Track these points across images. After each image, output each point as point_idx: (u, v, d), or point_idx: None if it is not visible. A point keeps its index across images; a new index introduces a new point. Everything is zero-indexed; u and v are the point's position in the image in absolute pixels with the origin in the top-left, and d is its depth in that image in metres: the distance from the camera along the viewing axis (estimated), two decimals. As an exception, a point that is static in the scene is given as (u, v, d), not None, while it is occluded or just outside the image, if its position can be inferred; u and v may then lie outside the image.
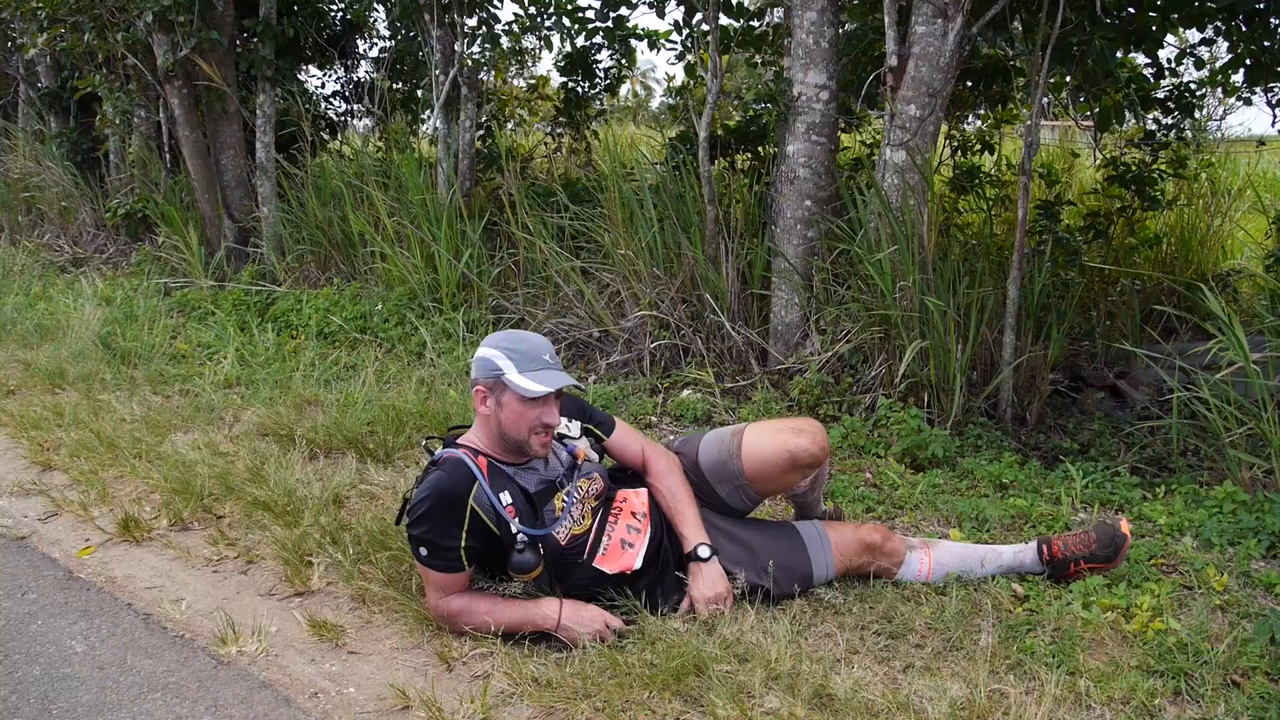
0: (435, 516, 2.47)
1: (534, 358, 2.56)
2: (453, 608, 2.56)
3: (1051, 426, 4.34)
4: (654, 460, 2.84)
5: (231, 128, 6.76)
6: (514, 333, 2.68)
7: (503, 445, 2.61)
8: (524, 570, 2.49)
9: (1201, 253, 5.71)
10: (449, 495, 2.48)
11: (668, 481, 2.79)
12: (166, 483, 3.53)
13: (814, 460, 2.72)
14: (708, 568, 2.65)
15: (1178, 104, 5.28)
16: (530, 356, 2.56)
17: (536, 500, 2.60)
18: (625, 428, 2.92)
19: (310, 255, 6.25)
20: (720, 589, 2.63)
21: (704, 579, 2.64)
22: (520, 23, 6.15)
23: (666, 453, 2.88)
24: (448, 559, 2.50)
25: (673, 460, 2.85)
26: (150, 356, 5.16)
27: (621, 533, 2.69)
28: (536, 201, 5.49)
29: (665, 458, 2.85)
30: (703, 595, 2.63)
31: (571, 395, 2.76)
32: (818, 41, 4.42)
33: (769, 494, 2.92)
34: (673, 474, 2.80)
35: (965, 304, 4.11)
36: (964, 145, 5.79)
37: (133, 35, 6.49)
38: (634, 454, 2.87)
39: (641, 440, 2.90)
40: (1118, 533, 2.82)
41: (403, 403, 4.23)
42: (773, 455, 2.70)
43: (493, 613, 2.53)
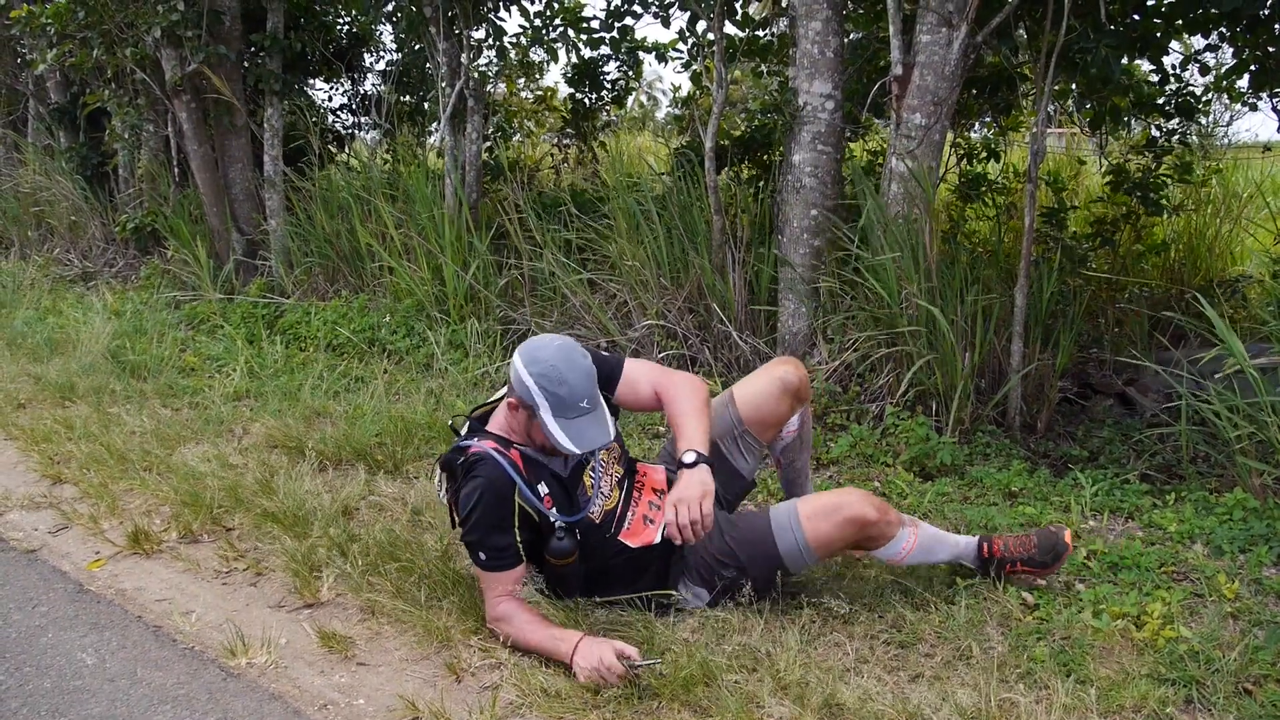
0: (487, 521, 2.51)
1: (572, 404, 2.45)
2: (499, 611, 2.58)
3: (1060, 434, 4.34)
4: (665, 389, 2.73)
5: (239, 141, 6.80)
6: (555, 367, 2.47)
7: (532, 443, 2.62)
8: (562, 556, 2.55)
9: (1210, 259, 5.69)
10: (497, 497, 2.50)
11: (675, 397, 2.70)
12: (176, 495, 3.55)
13: (800, 383, 2.89)
14: (690, 473, 2.54)
15: (1179, 109, 5.27)
16: (568, 403, 2.45)
17: (569, 485, 2.63)
18: (630, 375, 2.76)
19: (318, 268, 6.27)
20: (694, 492, 2.50)
21: (682, 482, 2.54)
22: (526, 34, 6.18)
23: (679, 378, 2.74)
24: (504, 558, 2.54)
25: (683, 382, 2.73)
26: (160, 370, 5.18)
27: (644, 509, 2.73)
28: (544, 213, 5.50)
29: (677, 384, 2.72)
30: (675, 495, 2.52)
31: (582, 360, 2.55)
32: (823, 51, 4.43)
33: (766, 437, 2.95)
34: (681, 390, 2.70)
35: (972, 312, 4.11)
36: (970, 153, 5.79)
37: (141, 50, 6.53)
38: (645, 398, 2.76)
39: (651, 374, 2.77)
40: (1060, 541, 2.81)
41: (411, 414, 4.24)
42: (764, 387, 2.87)
43: (525, 631, 2.53)
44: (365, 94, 8.24)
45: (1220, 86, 5.53)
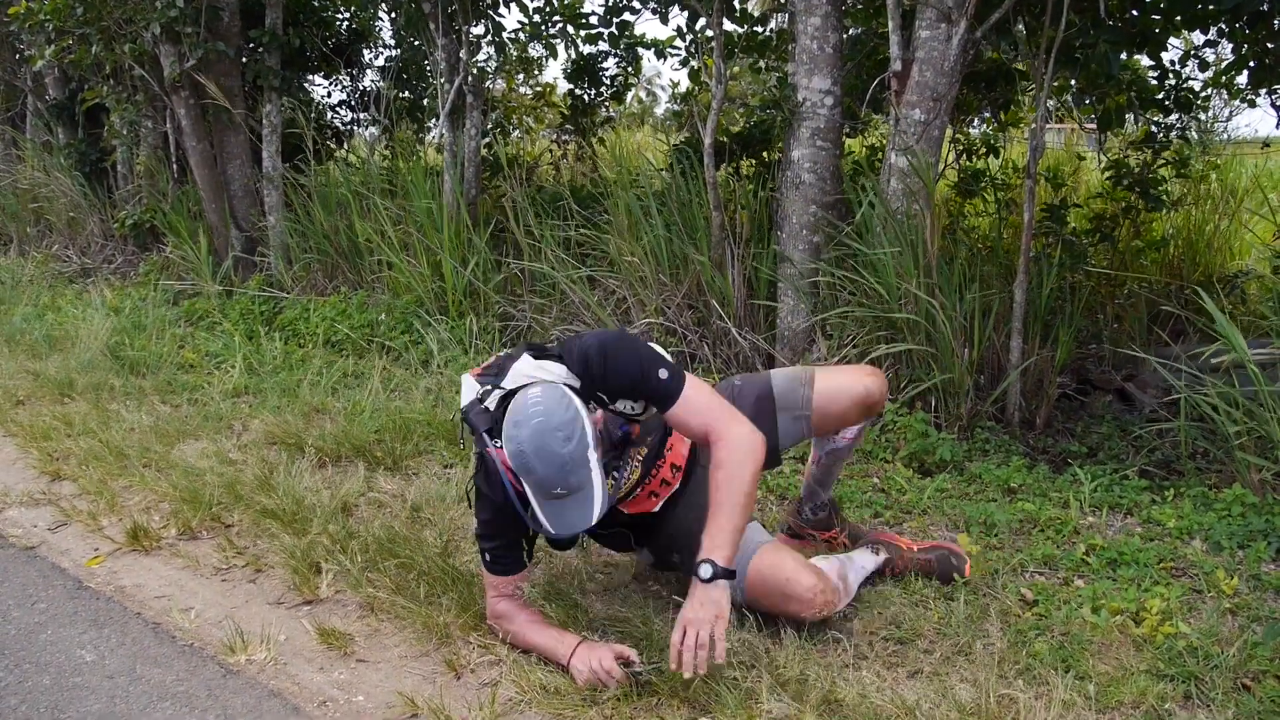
0: (494, 525, 2.50)
1: (546, 490, 2.19)
2: (497, 609, 2.57)
3: (1060, 430, 4.34)
4: (716, 447, 2.36)
5: (238, 137, 6.79)
6: (524, 454, 2.17)
7: None
8: (561, 547, 2.62)
9: (1209, 255, 5.69)
10: (494, 509, 2.46)
11: (718, 477, 2.33)
12: (175, 492, 3.55)
13: (880, 401, 2.76)
14: (705, 589, 2.27)
15: (1176, 103, 5.26)
16: (542, 489, 2.19)
17: None
18: (689, 401, 2.39)
19: (317, 264, 6.27)
20: (707, 614, 2.25)
21: (695, 600, 2.28)
22: (525, 30, 6.17)
23: (735, 437, 2.35)
24: (504, 562, 2.53)
25: (736, 449, 2.34)
26: (158, 366, 5.18)
27: (654, 485, 2.68)
28: (543, 209, 5.50)
29: (729, 446, 2.34)
30: (686, 614, 2.28)
31: (627, 365, 2.36)
32: (821, 47, 4.43)
33: (821, 431, 2.82)
34: (725, 470, 2.33)
35: (971, 308, 4.11)
36: (969, 149, 5.79)
37: (140, 47, 6.52)
38: (695, 431, 2.43)
39: (707, 414, 2.39)
40: (959, 570, 2.87)
41: (410, 411, 4.24)
42: (847, 387, 2.71)
43: (524, 631, 2.53)
44: (364, 90, 8.23)
45: (1219, 83, 5.52)
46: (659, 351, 2.43)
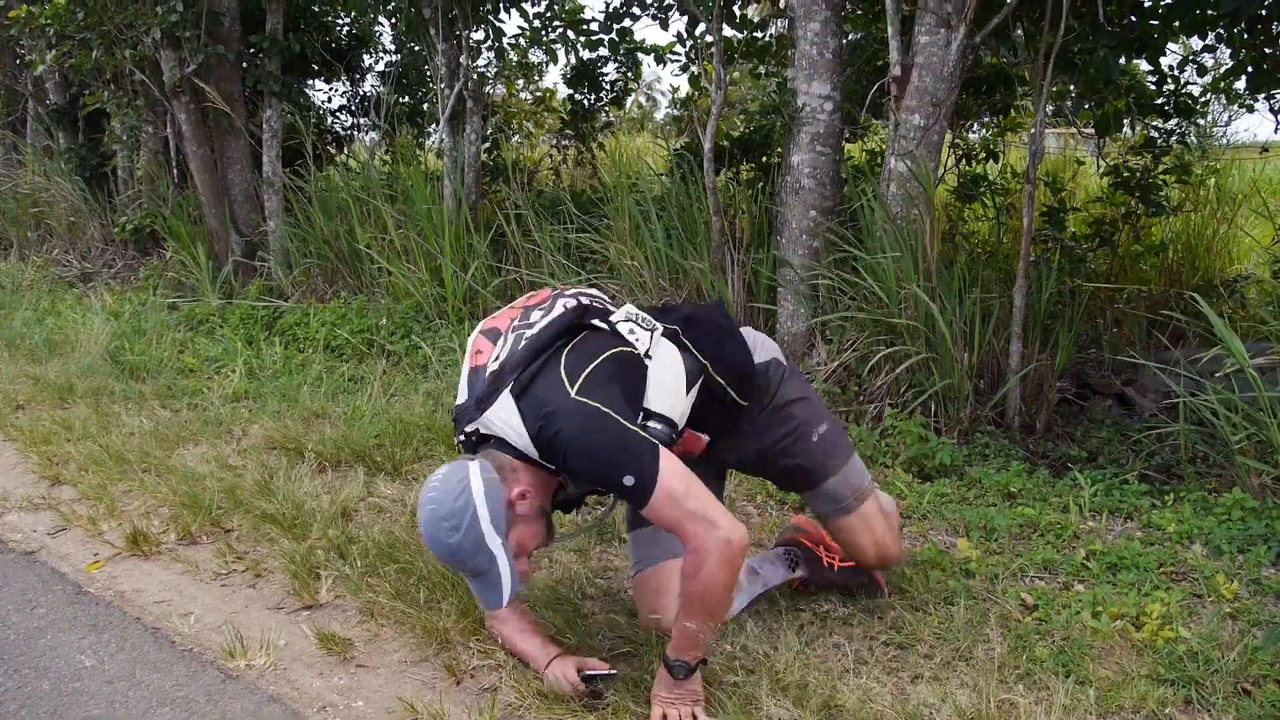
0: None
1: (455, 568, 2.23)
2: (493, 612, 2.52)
3: (1059, 435, 4.34)
4: (687, 554, 2.17)
5: (238, 142, 6.80)
6: (423, 537, 2.20)
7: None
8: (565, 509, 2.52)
9: (1208, 259, 5.70)
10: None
11: (689, 587, 2.17)
12: (175, 496, 3.54)
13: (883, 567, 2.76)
14: (677, 681, 2.24)
15: (1176, 108, 5.27)
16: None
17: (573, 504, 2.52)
18: (656, 509, 2.15)
19: (317, 269, 6.28)
20: (684, 696, 2.24)
21: (667, 685, 2.25)
22: (526, 36, 6.18)
23: (708, 546, 2.12)
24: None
25: (707, 558, 2.12)
26: (159, 371, 5.18)
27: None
28: (543, 213, 5.50)
29: (699, 555, 2.13)
30: (660, 695, 2.26)
31: (593, 466, 2.16)
32: (821, 52, 4.43)
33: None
34: (697, 582, 2.14)
35: (971, 313, 4.11)
36: (969, 154, 5.80)
37: (140, 52, 6.54)
38: (669, 530, 2.20)
39: (678, 521, 2.15)
40: (878, 596, 2.84)
41: (410, 416, 4.24)
42: (872, 543, 2.64)
43: (513, 637, 2.51)
44: (364, 95, 8.24)
45: (1218, 88, 5.53)
46: (639, 442, 2.15)
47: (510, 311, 2.43)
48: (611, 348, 2.31)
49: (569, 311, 2.35)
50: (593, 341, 2.32)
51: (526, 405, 2.18)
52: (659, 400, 2.32)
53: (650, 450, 2.14)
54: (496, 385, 2.23)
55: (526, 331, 2.30)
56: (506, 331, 2.34)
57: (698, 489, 2.17)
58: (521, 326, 2.33)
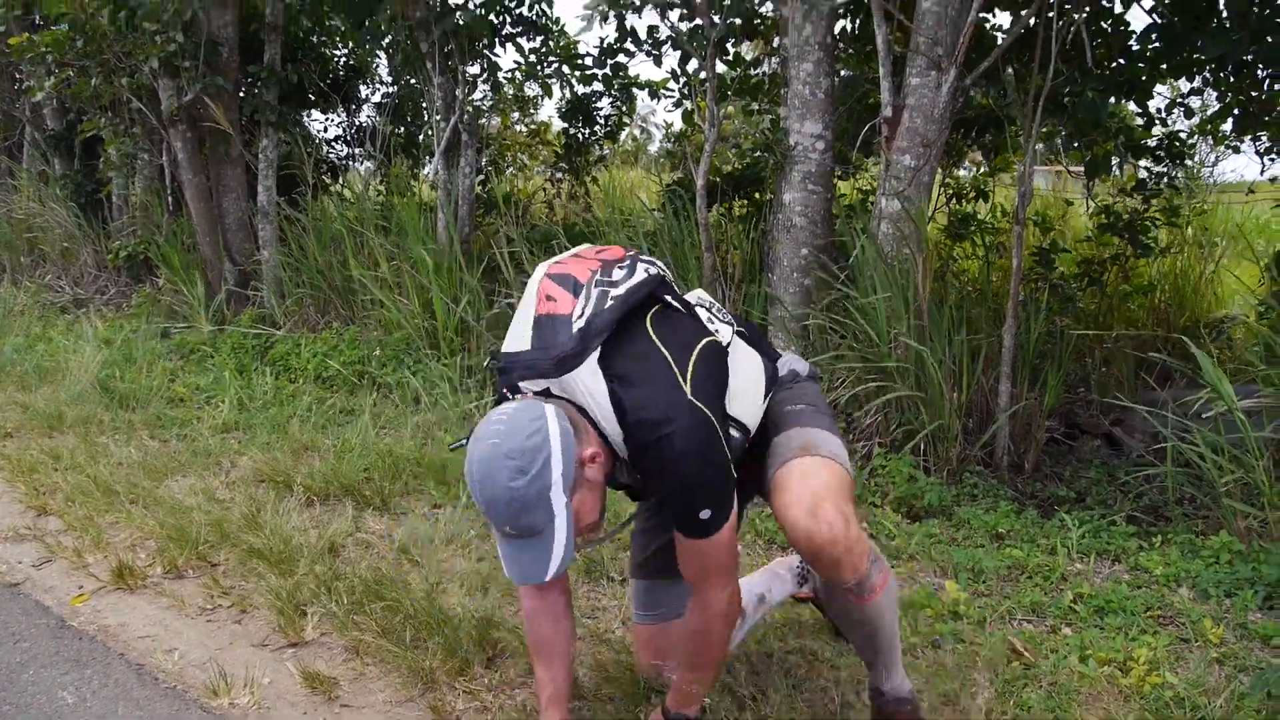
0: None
1: (496, 524, 1.92)
2: (524, 606, 2.28)
3: (1048, 474, 4.35)
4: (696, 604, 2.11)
5: (234, 171, 6.83)
6: (472, 475, 1.87)
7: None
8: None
9: (1196, 300, 5.74)
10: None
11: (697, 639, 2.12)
12: (162, 529, 3.53)
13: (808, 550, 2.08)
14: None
15: (1168, 152, 5.33)
16: (492, 522, 1.93)
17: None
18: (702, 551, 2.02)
19: (310, 299, 6.29)
20: None
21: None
22: (521, 70, 6.23)
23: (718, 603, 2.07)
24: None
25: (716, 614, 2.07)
26: (148, 400, 5.17)
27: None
28: (535, 247, 5.52)
29: (708, 610, 2.07)
30: None
31: (679, 484, 1.96)
32: (814, 92, 4.48)
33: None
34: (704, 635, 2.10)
35: (960, 352, 4.13)
36: (959, 193, 5.84)
37: (138, 80, 6.57)
38: (688, 571, 2.10)
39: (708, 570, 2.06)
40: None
41: (399, 449, 4.24)
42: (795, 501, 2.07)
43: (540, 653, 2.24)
44: (360, 125, 8.29)
45: (1205, 130, 5.60)
46: (730, 479, 2.01)
47: (585, 261, 2.14)
48: (703, 336, 2.11)
49: (651, 278, 2.13)
50: (680, 323, 2.12)
51: (621, 382, 1.95)
52: (739, 405, 2.14)
53: (733, 492, 2.01)
54: (584, 346, 1.96)
55: (611, 290, 2.05)
56: (589, 285, 2.05)
57: (734, 542, 2.07)
58: (605, 283, 2.07)
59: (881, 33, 4.26)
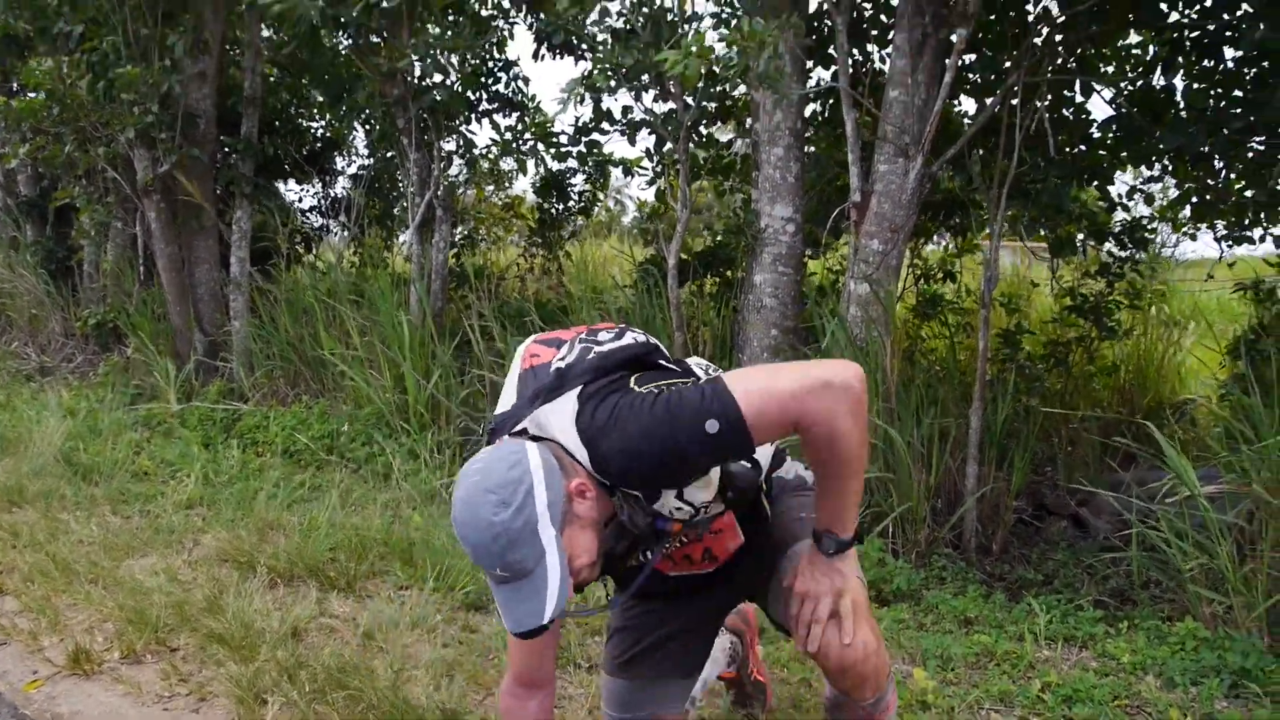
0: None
1: (487, 570, 1.80)
2: (501, 704, 2.19)
3: (1016, 557, 4.36)
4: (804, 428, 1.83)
5: (207, 241, 6.83)
6: (456, 517, 1.79)
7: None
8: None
9: (1159, 380, 5.83)
10: None
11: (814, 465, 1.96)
12: (121, 612, 3.46)
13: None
14: (824, 560, 1.99)
15: (1130, 237, 5.45)
16: (482, 566, 1.81)
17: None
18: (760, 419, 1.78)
19: (280, 371, 6.26)
20: (826, 585, 1.98)
21: (816, 569, 2.01)
22: (497, 146, 6.30)
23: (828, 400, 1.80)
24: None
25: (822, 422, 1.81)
26: (112, 474, 5.10)
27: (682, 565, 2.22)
28: (508, 323, 5.55)
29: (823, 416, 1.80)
30: (804, 586, 2.01)
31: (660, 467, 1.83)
32: (784, 176, 4.57)
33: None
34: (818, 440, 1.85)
35: (929, 433, 4.17)
36: (926, 274, 5.94)
37: (113, 149, 6.60)
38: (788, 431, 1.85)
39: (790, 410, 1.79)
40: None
41: (366, 528, 4.19)
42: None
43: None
44: (335, 196, 8.34)
45: (1165, 216, 5.74)
46: (697, 387, 1.82)
47: (572, 330, 2.14)
48: (688, 378, 2.00)
49: (639, 344, 2.06)
50: (666, 375, 2.02)
51: (584, 407, 1.86)
52: None
53: (709, 385, 1.80)
54: (561, 383, 1.92)
55: (596, 347, 2.01)
56: (573, 341, 2.04)
57: (766, 375, 1.85)
58: (589, 341, 2.03)
59: (850, 120, 4.36)
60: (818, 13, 5.00)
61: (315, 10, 4.98)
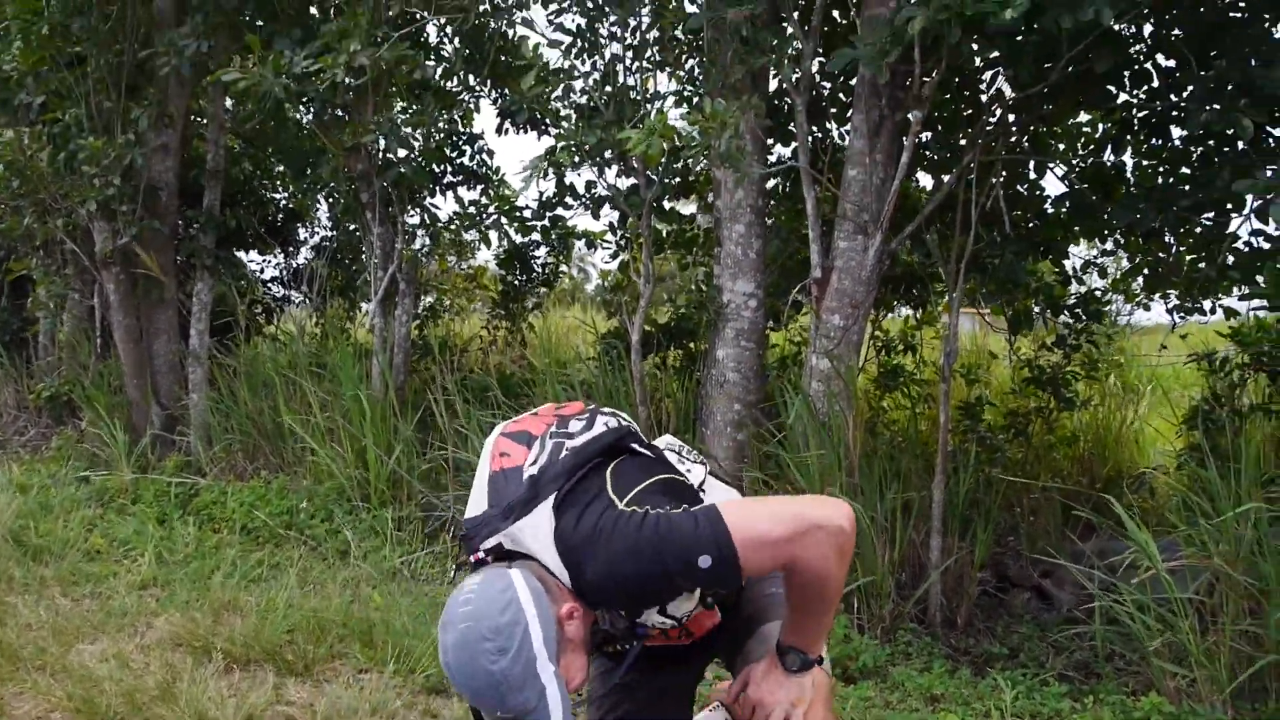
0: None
1: (487, 712, 1.79)
2: None
3: (981, 630, 4.36)
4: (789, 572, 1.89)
5: (166, 314, 6.77)
6: (449, 665, 1.75)
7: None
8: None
9: (1117, 449, 5.90)
10: None
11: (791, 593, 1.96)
12: (70, 701, 3.35)
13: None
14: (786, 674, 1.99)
15: (1086, 310, 5.55)
16: (481, 710, 1.82)
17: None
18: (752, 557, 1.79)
19: (238, 445, 6.17)
20: (786, 695, 1.98)
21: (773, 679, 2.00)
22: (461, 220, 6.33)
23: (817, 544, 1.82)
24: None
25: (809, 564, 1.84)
26: (63, 554, 4.96)
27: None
28: (471, 395, 5.52)
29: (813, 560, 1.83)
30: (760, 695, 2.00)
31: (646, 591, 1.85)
32: (746, 252, 4.62)
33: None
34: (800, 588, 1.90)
35: (892, 507, 4.18)
36: (887, 346, 6.00)
37: (73, 221, 6.54)
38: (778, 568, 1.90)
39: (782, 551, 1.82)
40: None
41: (325, 608, 4.11)
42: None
43: None
44: (298, 267, 8.31)
45: (1118, 288, 5.85)
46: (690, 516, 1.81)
47: (541, 418, 2.12)
48: (663, 472, 2.03)
49: (611, 430, 2.05)
50: (640, 464, 2.03)
51: (561, 519, 1.85)
52: None
53: (703, 515, 1.79)
54: (535, 493, 1.89)
55: (568, 441, 1.99)
56: (543, 436, 2.02)
57: (761, 510, 1.85)
58: (560, 435, 2.02)
59: (810, 198, 4.43)
60: (778, 91, 5.10)
61: (280, 86, 5.01)
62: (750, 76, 4.49)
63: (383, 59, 4.98)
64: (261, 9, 6.01)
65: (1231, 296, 4.87)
